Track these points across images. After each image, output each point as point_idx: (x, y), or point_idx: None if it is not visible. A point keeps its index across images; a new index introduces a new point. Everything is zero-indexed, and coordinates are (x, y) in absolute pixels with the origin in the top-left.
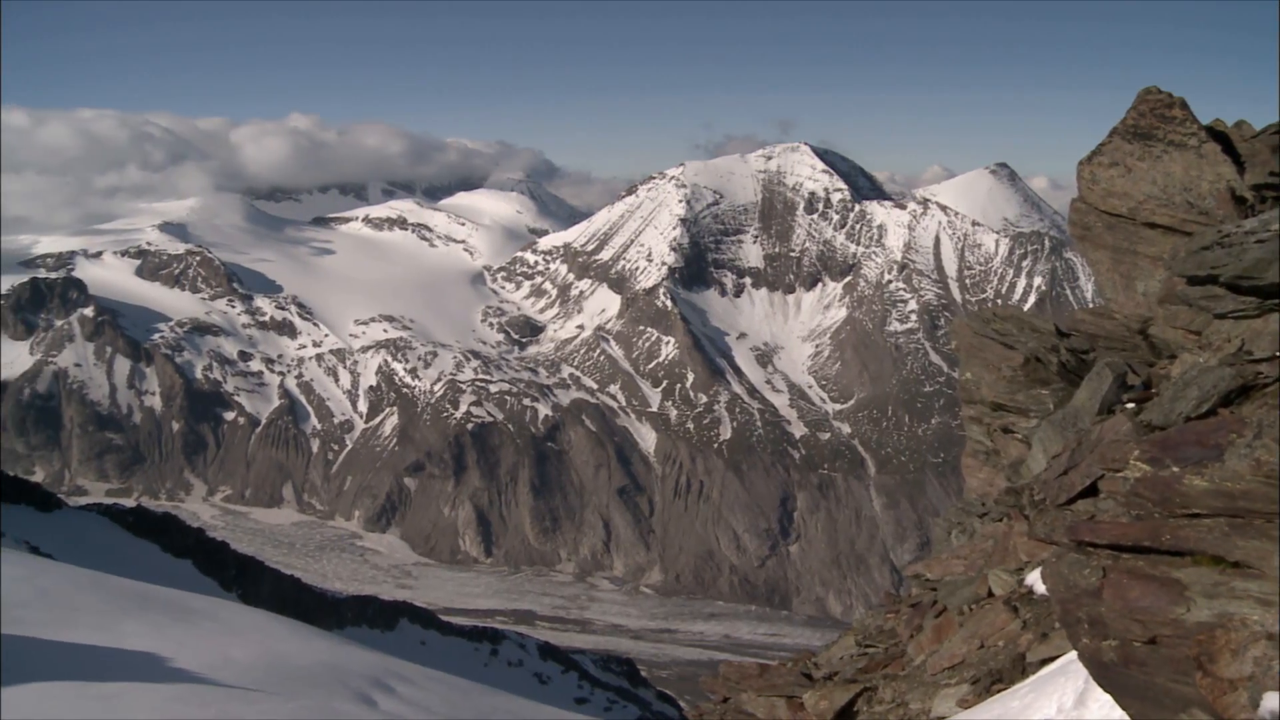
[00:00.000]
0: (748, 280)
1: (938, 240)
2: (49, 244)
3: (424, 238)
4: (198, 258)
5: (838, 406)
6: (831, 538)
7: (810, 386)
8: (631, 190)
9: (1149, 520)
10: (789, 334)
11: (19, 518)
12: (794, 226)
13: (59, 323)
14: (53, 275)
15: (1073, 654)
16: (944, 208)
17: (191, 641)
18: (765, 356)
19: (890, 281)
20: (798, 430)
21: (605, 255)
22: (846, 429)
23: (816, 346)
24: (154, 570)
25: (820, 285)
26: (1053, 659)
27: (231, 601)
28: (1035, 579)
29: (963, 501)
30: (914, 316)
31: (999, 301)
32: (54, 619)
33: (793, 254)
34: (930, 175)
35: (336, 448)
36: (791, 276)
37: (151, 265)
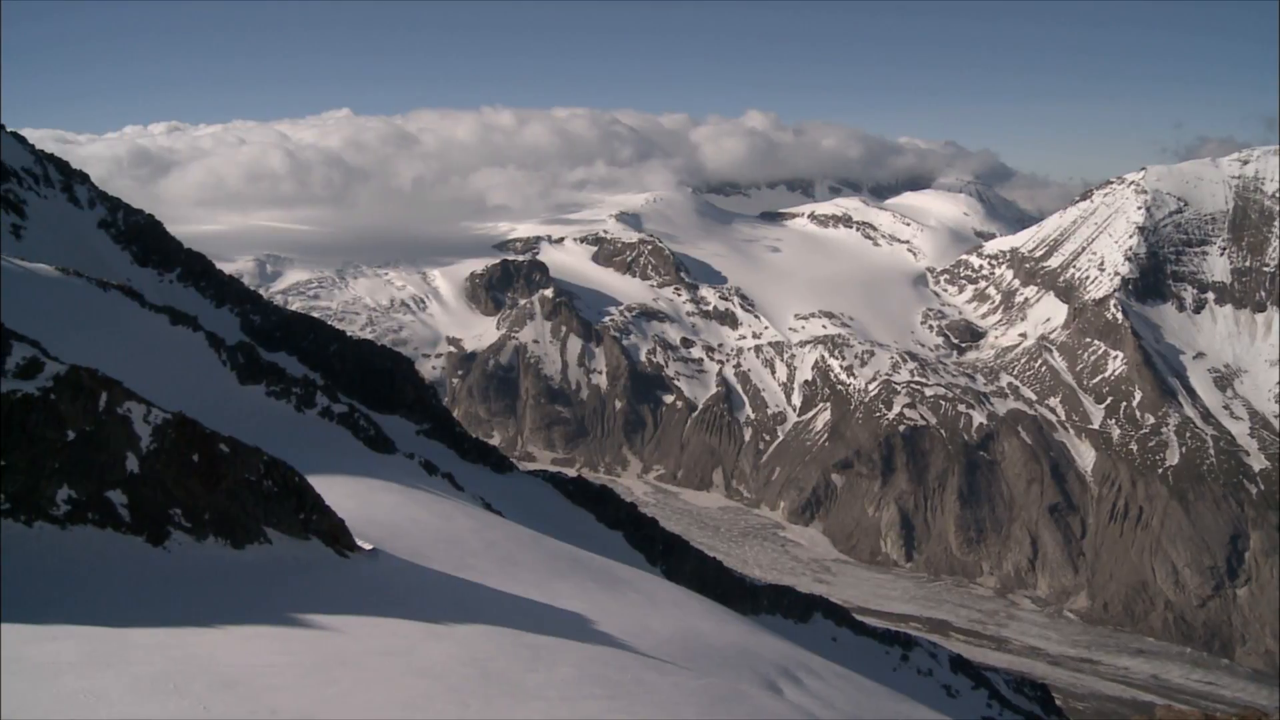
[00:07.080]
0: (1210, 295)
1: None
2: (521, 230)
3: (868, 236)
4: (649, 246)
5: None
6: None
7: (1276, 416)
8: (1086, 195)
9: None
10: (1255, 357)
11: (477, 476)
12: (1269, 238)
13: (523, 301)
14: (520, 258)
15: None
16: None
17: (616, 608)
18: (1225, 379)
19: None
20: (1257, 463)
21: (1054, 262)
22: None
23: None
24: (588, 537)
25: None
26: None
27: (655, 576)
28: None
29: None
30: None
31: None
32: (499, 570)
33: (1266, 269)
34: None
35: (768, 438)
36: (1263, 294)
37: (606, 252)
